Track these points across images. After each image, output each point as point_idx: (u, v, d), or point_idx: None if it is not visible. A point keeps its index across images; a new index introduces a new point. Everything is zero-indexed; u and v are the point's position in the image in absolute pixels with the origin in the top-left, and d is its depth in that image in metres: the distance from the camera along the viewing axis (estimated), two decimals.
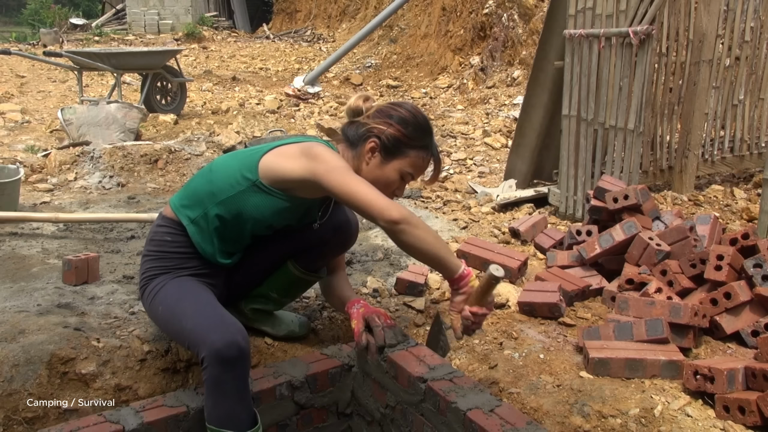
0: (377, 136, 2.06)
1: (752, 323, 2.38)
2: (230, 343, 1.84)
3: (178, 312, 2.00)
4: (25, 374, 2.10)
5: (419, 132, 2.08)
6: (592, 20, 3.82)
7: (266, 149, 2.08)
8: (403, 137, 2.06)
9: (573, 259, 3.05)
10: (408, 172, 2.10)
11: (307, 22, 19.31)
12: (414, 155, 2.09)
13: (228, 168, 2.09)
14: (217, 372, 1.83)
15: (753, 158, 4.76)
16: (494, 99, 8.77)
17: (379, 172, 2.08)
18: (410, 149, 2.08)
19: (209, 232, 2.12)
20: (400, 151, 2.07)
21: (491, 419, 1.84)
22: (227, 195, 2.06)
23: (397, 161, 2.08)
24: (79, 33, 18.07)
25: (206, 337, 1.86)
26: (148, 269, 2.17)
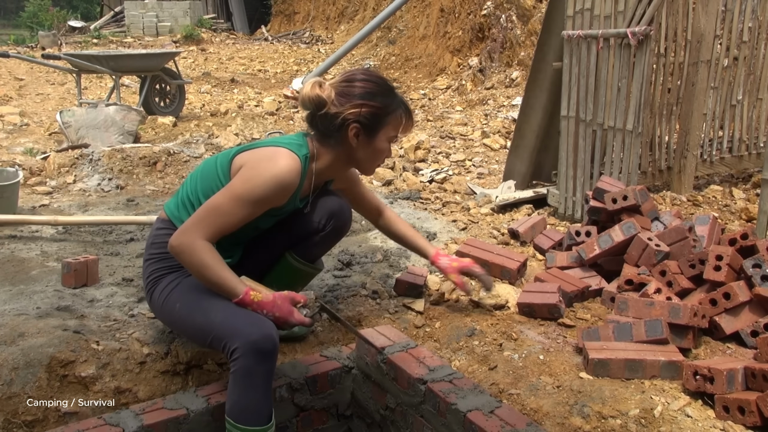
0: (356, 120, 2.12)
1: (751, 323, 2.38)
2: (267, 335, 1.92)
3: (205, 306, 2.03)
4: (24, 377, 2.10)
5: (387, 97, 2.16)
6: (590, 21, 3.83)
7: (241, 149, 2.17)
8: (378, 110, 2.14)
9: (572, 260, 3.05)
10: (393, 135, 2.22)
11: (305, 23, 19.32)
12: (392, 119, 2.19)
13: (210, 172, 2.16)
14: (251, 363, 1.89)
15: (752, 158, 4.76)
16: (493, 100, 8.78)
17: (370, 149, 2.20)
18: (388, 116, 2.17)
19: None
20: (381, 123, 2.16)
21: (491, 420, 1.85)
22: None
23: (382, 132, 2.18)
24: (77, 35, 18.07)
25: (241, 330, 1.92)
26: (153, 271, 2.19)
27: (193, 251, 1.94)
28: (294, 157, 2.08)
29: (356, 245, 3.45)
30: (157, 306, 2.17)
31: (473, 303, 2.79)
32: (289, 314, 2.00)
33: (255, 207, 2.03)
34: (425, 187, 4.89)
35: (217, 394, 2.09)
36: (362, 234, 3.69)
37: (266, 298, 1.98)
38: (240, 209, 2.00)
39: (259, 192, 2.01)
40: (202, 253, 1.95)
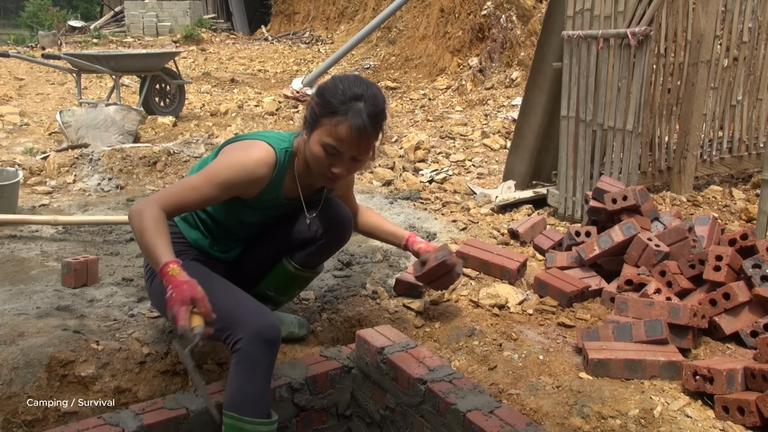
0: (306, 111, 2.09)
1: (751, 324, 2.39)
2: (272, 325, 1.94)
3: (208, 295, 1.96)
4: (24, 377, 2.10)
5: (332, 97, 2.00)
6: (590, 21, 3.83)
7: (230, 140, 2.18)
8: (317, 106, 2.02)
9: (572, 260, 3.05)
10: (327, 142, 2.00)
11: (305, 23, 19.31)
12: (327, 122, 2.00)
13: (203, 165, 2.17)
14: (255, 351, 1.90)
15: (751, 159, 4.76)
16: (493, 100, 8.78)
17: (308, 150, 2.07)
18: (323, 117, 2.00)
19: (198, 228, 2.22)
20: (317, 122, 2.02)
21: (491, 420, 1.85)
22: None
23: (316, 132, 2.02)
24: (77, 35, 18.07)
25: (246, 319, 1.92)
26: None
27: (142, 215, 1.88)
28: (268, 150, 2.07)
29: (356, 245, 3.45)
30: (156, 294, 2.16)
31: (473, 303, 2.79)
32: (181, 302, 1.75)
33: (219, 189, 1.99)
34: (425, 187, 4.89)
35: (217, 394, 2.08)
36: None
37: (180, 277, 1.80)
38: (205, 188, 1.97)
39: (225, 175, 1.99)
40: (147, 219, 1.88)
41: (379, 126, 2.06)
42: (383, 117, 2.07)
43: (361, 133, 1.99)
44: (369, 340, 2.29)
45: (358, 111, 1.98)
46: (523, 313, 2.72)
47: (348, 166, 2.07)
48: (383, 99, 2.07)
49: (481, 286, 2.92)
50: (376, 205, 4.34)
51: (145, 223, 1.87)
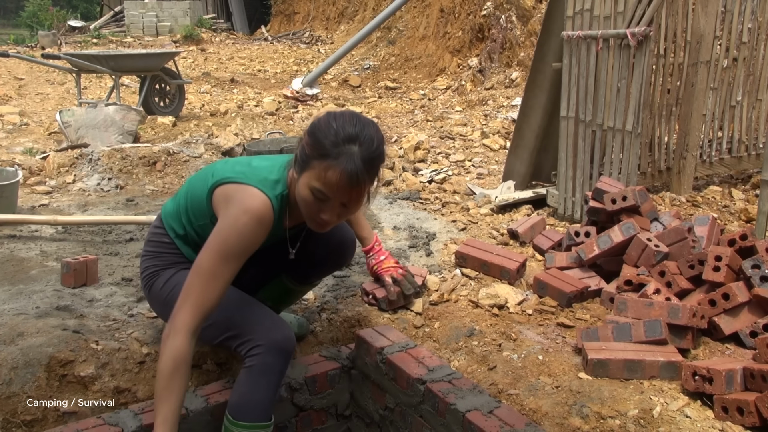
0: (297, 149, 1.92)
1: (750, 324, 2.39)
2: (289, 336, 1.97)
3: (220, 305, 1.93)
4: (23, 377, 2.10)
5: (324, 139, 1.82)
6: (590, 22, 3.83)
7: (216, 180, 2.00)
8: (308, 147, 1.84)
9: (571, 260, 3.05)
10: (315, 187, 1.83)
11: (305, 23, 19.31)
12: (317, 166, 1.82)
13: (198, 195, 2.06)
14: (271, 360, 1.93)
15: (751, 159, 4.76)
16: (492, 100, 8.78)
17: (297, 190, 1.91)
18: (313, 159, 1.83)
19: (195, 245, 2.11)
20: (307, 164, 1.85)
21: (490, 420, 1.85)
22: (198, 223, 2.10)
23: (305, 175, 1.86)
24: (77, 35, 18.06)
25: (264, 329, 1.95)
26: (148, 267, 2.19)
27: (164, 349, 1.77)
28: (265, 201, 1.91)
29: (357, 246, 3.44)
30: (159, 299, 2.16)
31: (472, 303, 2.79)
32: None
33: (238, 261, 1.88)
34: (425, 188, 4.89)
35: (217, 394, 2.09)
36: None
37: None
38: (225, 270, 1.85)
39: (238, 246, 1.86)
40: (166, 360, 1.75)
41: (374, 171, 1.89)
42: (380, 161, 1.90)
43: (352, 180, 1.81)
44: (368, 340, 2.29)
45: (351, 155, 1.80)
46: (522, 314, 2.72)
47: (338, 212, 1.91)
48: (381, 140, 1.90)
49: (481, 287, 2.92)
50: (376, 205, 4.34)
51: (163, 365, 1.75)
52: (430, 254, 3.33)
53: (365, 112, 8.94)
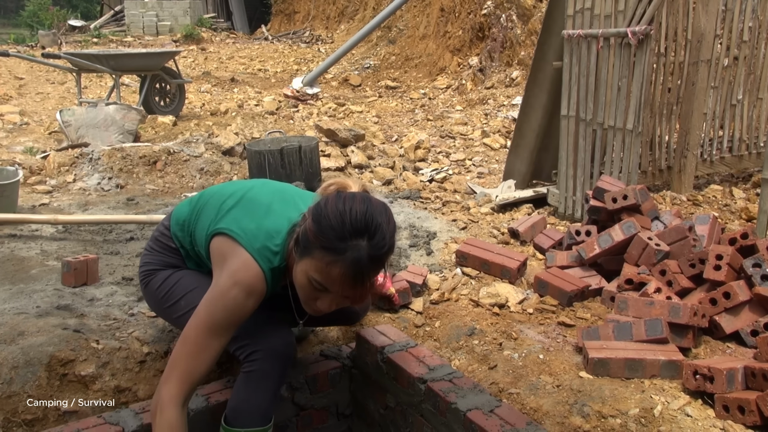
0: (299, 227, 1.78)
1: (751, 323, 2.38)
2: (289, 342, 1.95)
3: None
4: (24, 376, 2.10)
5: (333, 231, 1.66)
6: (590, 20, 3.82)
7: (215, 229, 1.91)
8: (311, 234, 1.69)
9: (572, 259, 3.05)
10: (314, 278, 1.71)
11: (305, 23, 19.31)
12: (318, 257, 1.68)
13: (202, 228, 1.99)
14: (269, 367, 1.90)
15: (752, 158, 4.76)
16: (493, 99, 8.78)
17: (294, 271, 1.79)
18: (315, 249, 1.68)
19: (196, 264, 2.13)
20: (308, 251, 1.71)
21: (491, 420, 1.85)
22: (199, 249, 2.04)
23: (304, 262, 1.72)
24: (77, 35, 18.06)
25: (263, 334, 1.92)
26: (148, 262, 2.17)
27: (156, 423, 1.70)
28: (257, 273, 1.79)
29: None
30: (156, 298, 2.13)
31: (473, 302, 2.79)
32: None
33: (227, 334, 1.79)
34: (425, 187, 4.89)
35: (217, 393, 2.09)
36: None
37: None
38: (214, 342, 1.76)
39: (226, 320, 1.76)
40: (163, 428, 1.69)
41: (381, 266, 1.75)
42: (389, 255, 1.75)
43: (356, 279, 1.68)
44: (369, 339, 2.29)
45: (359, 251, 1.66)
46: (523, 313, 2.72)
47: (337, 302, 1.79)
48: (393, 232, 1.75)
49: (482, 286, 2.92)
50: None
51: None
52: (430, 253, 3.33)
53: (366, 112, 8.93)
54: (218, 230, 1.90)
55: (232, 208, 1.94)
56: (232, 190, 2.03)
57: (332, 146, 5.57)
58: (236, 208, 1.94)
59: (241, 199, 1.97)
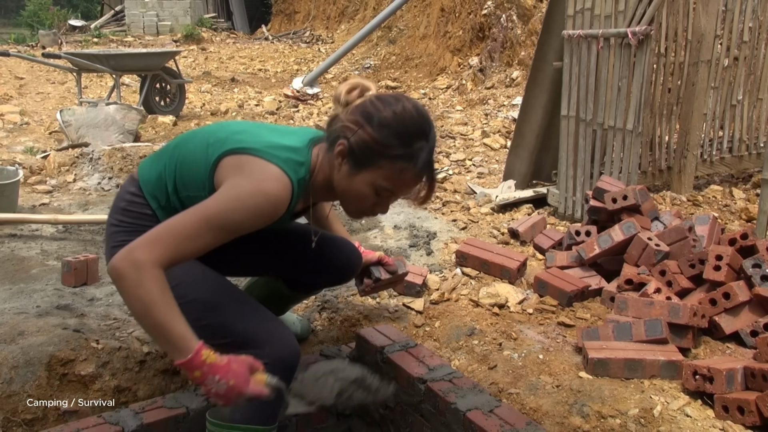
0: (346, 137, 1.70)
1: (751, 323, 2.39)
2: (294, 351, 1.81)
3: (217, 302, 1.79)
4: (24, 376, 2.10)
5: (398, 139, 1.67)
6: (590, 21, 3.82)
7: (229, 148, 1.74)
8: (374, 143, 1.67)
9: (572, 259, 3.05)
10: (383, 186, 1.72)
11: (305, 23, 19.31)
12: (388, 167, 1.69)
13: (196, 164, 1.79)
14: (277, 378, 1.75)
15: (752, 158, 4.76)
16: (493, 100, 8.77)
17: (347, 183, 1.74)
18: (383, 159, 1.68)
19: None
20: (370, 161, 1.69)
21: (490, 420, 1.85)
22: (188, 194, 1.81)
23: (368, 173, 1.70)
24: (77, 34, 18.06)
25: (269, 343, 1.77)
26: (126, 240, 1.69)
27: (141, 281, 1.50)
28: (286, 184, 1.69)
29: None
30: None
31: (473, 302, 2.79)
32: (246, 384, 1.57)
33: (226, 235, 1.64)
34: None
35: None
36: (362, 233, 3.69)
37: (220, 360, 1.55)
38: (208, 235, 1.60)
39: (236, 219, 1.62)
40: (151, 285, 1.50)
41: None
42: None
43: (430, 177, 1.75)
44: (369, 339, 2.29)
45: (423, 153, 1.70)
46: (523, 313, 2.72)
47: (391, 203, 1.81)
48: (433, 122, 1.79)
49: (481, 286, 2.92)
50: None
51: (151, 291, 1.50)
52: (430, 253, 3.33)
53: None
54: (228, 151, 1.72)
55: (233, 134, 1.78)
56: (214, 128, 1.86)
57: None
58: (238, 134, 1.77)
59: (235, 128, 1.81)
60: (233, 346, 1.73)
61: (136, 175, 1.90)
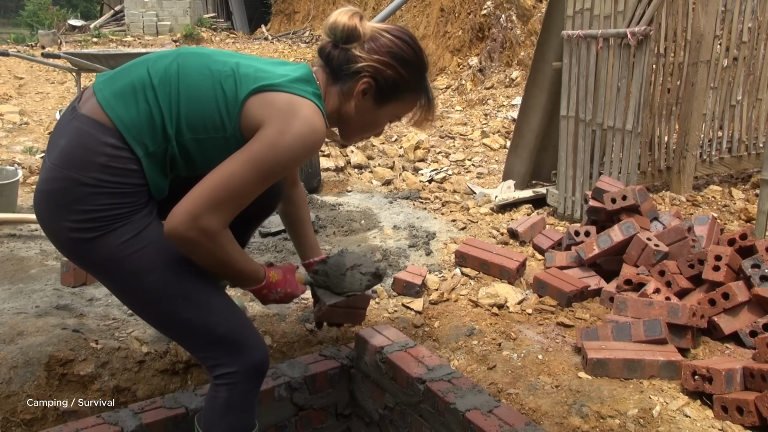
0: (372, 76, 1.73)
1: (750, 323, 2.39)
2: (266, 357, 1.78)
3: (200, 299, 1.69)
4: (23, 376, 2.10)
5: (419, 72, 1.80)
6: (590, 21, 3.83)
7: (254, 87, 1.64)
8: (402, 80, 1.76)
9: (571, 259, 3.05)
10: (399, 115, 1.87)
11: (305, 23, 19.30)
12: (410, 98, 1.83)
13: (207, 97, 1.63)
14: (251, 387, 1.75)
15: (751, 159, 4.76)
16: (493, 100, 8.78)
17: (369, 116, 1.81)
18: (407, 93, 1.81)
19: (165, 165, 1.67)
20: (396, 95, 1.79)
21: (490, 420, 1.85)
22: (196, 136, 1.65)
23: (392, 105, 1.81)
24: (77, 34, 18.05)
25: (243, 350, 1.72)
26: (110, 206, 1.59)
27: (219, 247, 1.59)
28: (321, 116, 1.67)
29: (355, 244, 3.45)
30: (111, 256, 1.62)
31: (472, 303, 2.79)
32: (296, 288, 1.91)
33: (276, 179, 1.66)
34: (425, 187, 4.89)
35: None
36: (361, 233, 3.69)
37: (279, 275, 1.84)
38: (264, 185, 1.61)
39: (289, 162, 1.62)
40: (229, 247, 1.62)
41: None
42: None
43: (433, 104, 1.90)
44: (368, 340, 2.29)
45: (429, 85, 1.88)
46: (522, 313, 2.72)
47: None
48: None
49: (481, 286, 2.92)
50: (376, 204, 4.34)
51: (230, 253, 1.62)
52: (430, 253, 3.33)
53: None
54: (255, 89, 1.63)
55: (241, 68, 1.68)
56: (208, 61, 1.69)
57: (332, 146, 5.57)
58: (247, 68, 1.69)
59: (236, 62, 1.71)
60: (206, 351, 1.71)
61: (105, 119, 1.59)
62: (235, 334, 1.71)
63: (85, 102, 1.65)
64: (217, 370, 1.71)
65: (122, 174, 1.59)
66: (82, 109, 1.62)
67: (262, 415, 2.14)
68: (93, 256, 1.63)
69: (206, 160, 1.66)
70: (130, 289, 1.68)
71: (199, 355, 1.76)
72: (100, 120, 1.59)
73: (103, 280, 1.71)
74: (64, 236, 1.63)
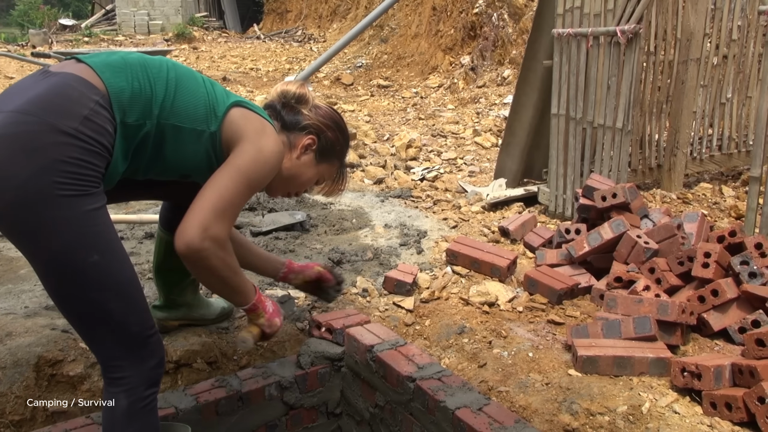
0: (317, 134, 2.01)
1: (739, 320, 2.40)
2: (163, 363, 1.69)
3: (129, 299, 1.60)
4: (12, 377, 2.09)
5: (347, 143, 2.12)
6: (580, 19, 3.84)
7: (235, 100, 1.84)
8: (337, 143, 2.06)
9: (562, 257, 3.05)
10: (323, 177, 2.11)
11: (297, 22, 19.29)
12: (336, 164, 2.11)
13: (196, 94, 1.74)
14: (150, 392, 1.64)
15: (741, 156, 4.79)
16: (484, 98, 8.79)
17: (305, 170, 2.02)
18: (336, 158, 2.09)
19: (132, 145, 1.65)
20: (330, 157, 2.06)
21: (480, 418, 1.85)
22: (175, 122, 1.69)
23: (325, 166, 2.07)
24: (68, 34, 17.97)
25: (144, 356, 1.62)
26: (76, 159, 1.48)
27: (228, 256, 1.75)
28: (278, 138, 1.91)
29: (346, 243, 3.45)
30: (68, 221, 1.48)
31: (463, 301, 2.79)
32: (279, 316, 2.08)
33: (264, 183, 1.85)
34: (416, 185, 4.89)
35: (206, 393, 2.08)
36: (353, 232, 3.69)
37: (269, 304, 2.05)
38: (250, 195, 1.81)
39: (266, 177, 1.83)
40: (232, 258, 1.78)
41: None
42: None
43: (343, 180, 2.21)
44: (358, 338, 2.29)
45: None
46: (513, 311, 2.73)
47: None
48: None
49: (471, 284, 2.93)
50: (368, 203, 4.34)
51: (233, 263, 1.78)
52: (421, 252, 3.34)
53: (357, 111, 8.93)
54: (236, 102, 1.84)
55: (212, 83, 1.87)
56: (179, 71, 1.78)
57: None
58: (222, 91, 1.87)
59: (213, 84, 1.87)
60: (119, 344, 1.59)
61: (96, 79, 1.58)
62: (145, 337, 1.62)
63: (64, 66, 1.61)
64: (116, 373, 1.59)
65: (99, 132, 1.52)
66: (64, 69, 1.58)
67: (252, 414, 2.14)
68: (47, 214, 1.45)
69: (175, 151, 1.74)
70: (63, 264, 1.49)
71: (103, 353, 1.61)
72: (88, 79, 1.56)
73: (30, 246, 1.50)
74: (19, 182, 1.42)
